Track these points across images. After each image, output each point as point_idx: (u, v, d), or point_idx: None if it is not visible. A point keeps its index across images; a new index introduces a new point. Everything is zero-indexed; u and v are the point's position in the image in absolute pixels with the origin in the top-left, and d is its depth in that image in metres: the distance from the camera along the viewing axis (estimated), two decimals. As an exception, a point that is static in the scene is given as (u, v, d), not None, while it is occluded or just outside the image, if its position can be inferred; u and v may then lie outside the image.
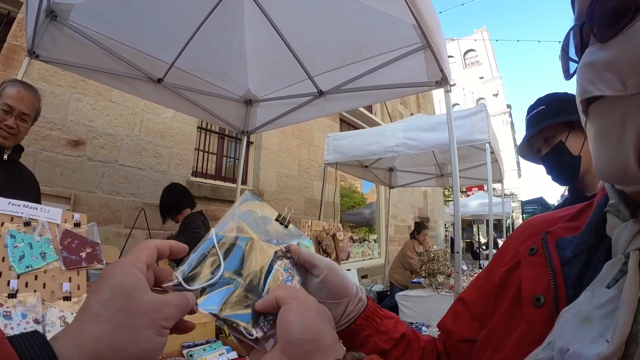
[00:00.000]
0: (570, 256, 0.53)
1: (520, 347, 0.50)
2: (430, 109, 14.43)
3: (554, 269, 0.53)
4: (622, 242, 0.45)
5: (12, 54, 3.78)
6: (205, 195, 5.46)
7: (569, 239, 0.56)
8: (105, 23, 2.99)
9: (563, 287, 0.51)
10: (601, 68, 0.42)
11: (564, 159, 1.41)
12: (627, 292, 0.39)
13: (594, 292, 0.43)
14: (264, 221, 0.70)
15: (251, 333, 0.55)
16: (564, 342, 0.41)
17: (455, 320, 0.74)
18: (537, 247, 0.58)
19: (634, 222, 0.44)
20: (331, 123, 8.55)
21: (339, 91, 3.61)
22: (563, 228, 0.59)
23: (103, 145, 4.42)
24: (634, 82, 0.38)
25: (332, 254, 3.08)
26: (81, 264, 1.44)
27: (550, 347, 0.43)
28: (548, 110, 1.45)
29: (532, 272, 0.56)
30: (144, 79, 3.50)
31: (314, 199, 7.62)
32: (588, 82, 0.44)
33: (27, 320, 1.18)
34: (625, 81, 0.39)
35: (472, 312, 0.70)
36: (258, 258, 0.63)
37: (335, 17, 2.96)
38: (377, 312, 0.75)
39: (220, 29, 3.27)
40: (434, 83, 2.90)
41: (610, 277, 0.43)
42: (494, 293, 0.65)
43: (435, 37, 2.53)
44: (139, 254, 0.50)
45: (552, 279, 0.52)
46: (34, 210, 1.43)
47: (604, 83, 0.41)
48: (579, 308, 0.43)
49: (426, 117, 5.54)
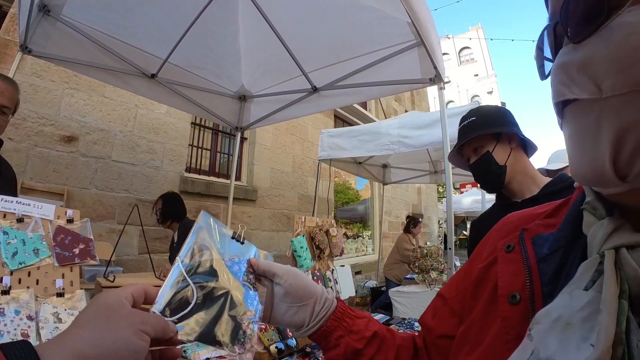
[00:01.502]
0: (547, 253, 0.53)
1: (498, 344, 0.50)
2: (425, 106, 14.45)
3: (530, 266, 0.53)
4: (598, 241, 0.44)
5: (4, 48, 3.75)
6: (199, 192, 5.46)
7: (546, 236, 0.56)
8: (98, 18, 2.97)
9: (539, 285, 0.51)
10: (575, 70, 0.41)
11: (490, 168, 1.50)
12: (607, 293, 0.38)
13: (572, 295, 0.42)
14: (222, 240, 0.75)
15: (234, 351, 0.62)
16: (548, 351, 0.40)
17: (435, 316, 0.75)
18: (514, 244, 0.58)
19: (609, 220, 0.44)
20: (325, 119, 8.55)
21: (333, 87, 3.61)
22: (540, 225, 0.59)
23: (96, 141, 4.40)
24: (609, 85, 0.38)
25: (326, 250, 3.09)
26: (74, 260, 1.44)
27: (534, 357, 0.41)
28: (478, 122, 1.54)
29: (508, 269, 0.56)
30: (137, 75, 3.48)
31: (308, 195, 7.62)
32: (562, 84, 0.43)
33: (20, 317, 1.18)
34: (600, 84, 0.38)
35: (451, 308, 0.71)
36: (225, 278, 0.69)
37: (330, 14, 2.96)
38: (348, 312, 0.78)
39: (214, 25, 3.26)
40: (427, 80, 2.91)
41: (587, 278, 0.42)
42: (472, 289, 0.65)
43: (428, 35, 2.53)
44: (126, 288, 0.54)
45: (528, 276, 0.52)
46: (27, 207, 1.42)
47: (578, 86, 0.41)
48: (558, 313, 0.42)
49: (420, 114, 5.54)
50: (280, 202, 7.02)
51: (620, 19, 0.37)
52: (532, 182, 1.52)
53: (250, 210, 6.33)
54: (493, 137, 1.52)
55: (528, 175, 1.53)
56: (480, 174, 1.55)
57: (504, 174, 1.49)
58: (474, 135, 1.52)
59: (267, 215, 6.67)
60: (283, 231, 6.91)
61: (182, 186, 5.25)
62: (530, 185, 1.51)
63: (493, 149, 1.50)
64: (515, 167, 1.51)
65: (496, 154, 1.50)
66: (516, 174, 1.52)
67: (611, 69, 0.37)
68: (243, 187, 6.31)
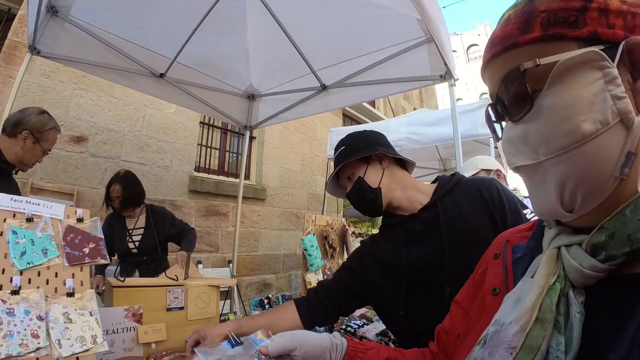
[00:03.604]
0: (519, 257, 0.69)
1: (483, 327, 0.61)
2: (433, 104, 14.37)
3: (507, 267, 0.70)
4: (546, 243, 0.59)
5: (14, 50, 3.77)
6: (208, 191, 5.47)
7: (521, 245, 0.71)
8: (106, 18, 2.98)
9: (512, 280, 0.66)
10: (518, 143, 0.56)
11: (364, 193, 1.45)
12: (537, 276, 0.54)
13: (524, 281, 0.58)
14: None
15: None
16: (504, 319, 0.55)
17: (451, 320, 0.85)
18: (499, 252, 0.75)
19: (555, 228, 0.59)
20: (334, 118, 8.53)
21: (342, 85, 3.58)
22: (519, 237, 0.74)
23: (105, 141, 4.42)
24: (544, 151, 0.52)
25: (337, 248, 3.08)
26: (84, 259, 1.44)
27: (497, 323, 0.56)
28: (347, 150, 1.50)
29: (493, 271, 0.73)
30: (146, 74, 3.48)
31: (317, 193, 7.61)
32: (511, 155, 0.58)
33: (30, 317, 1.17)
34: (537, 150, 0.53)
35: (464, 309, 0.81)
36: None
37: (338, 11, 2.94)
38: (359, 347, 0.88)
39: (222, 23, 3.24)
40: (438, 77, 2.88)
41: (534, 269, 0.58)
42: (474, 291, 0.79)
43: (438, 31, 2.50)
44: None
45: (505, 274, 0.69)
46: (37, 206, 1.42)
47: (522, 155, 0.56)
48: (514, 293, 0.57)
49: (429, 112, 5.51)
50: (290, 201, 7.02)
51: (540, 102, 0.52)
52: (417, 193, 1.48)
53: (260, 209, 6.33)
54: (363, 162, 1.48)
55: (410, 189, 1.49)
56: (357, 201, 1.50)
57: (379, 196, 1.45)
58: (343, 164, 1.49)
59: (276, 214, 6.67)
60: (292, 230, 6.90)
61: (192, 185, 5.26)
62: (418, 197, 1.46)
63: (364, 173, 1.46)
64: (391, 186, 1.47)
65: (368, 178, 1.45)
66: (395, 191, 1.48)
67: (543, 140, 0.52)
68: (252, 186, 6.32)
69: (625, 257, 0.47)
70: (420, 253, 1.35)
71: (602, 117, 0.47)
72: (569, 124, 0.48)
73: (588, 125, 0.47)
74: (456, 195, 1.39)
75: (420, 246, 1.36)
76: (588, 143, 0.48)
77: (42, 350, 1.14)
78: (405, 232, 1.42)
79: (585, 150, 0.48)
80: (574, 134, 0.48)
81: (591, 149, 0.48)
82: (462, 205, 1.35)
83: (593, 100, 0.48)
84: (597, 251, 0.49)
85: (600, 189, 0.49)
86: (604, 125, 0.47)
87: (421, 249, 1.35)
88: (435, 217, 1.36)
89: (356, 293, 1.49)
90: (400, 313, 1.34)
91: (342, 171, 1.53)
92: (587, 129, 0.47)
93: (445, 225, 1.32)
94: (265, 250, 6.34)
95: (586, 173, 0.49)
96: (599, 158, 0.48)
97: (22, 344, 1.11)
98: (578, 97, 0.48)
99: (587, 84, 0.48)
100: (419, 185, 1.52)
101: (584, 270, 0.49)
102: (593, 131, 0.47)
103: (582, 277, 0.50)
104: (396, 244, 1.42)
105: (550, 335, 0.48)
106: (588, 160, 0.48)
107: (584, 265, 0.50)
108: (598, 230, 0.50)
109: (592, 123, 0.47)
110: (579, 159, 0.49)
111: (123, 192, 3.14)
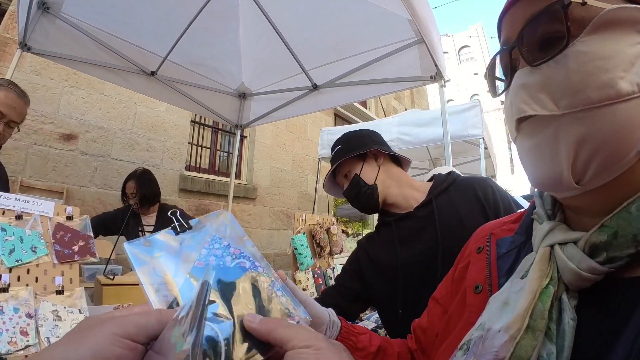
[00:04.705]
0: (504, 252, 0.64)
1: (465, 328, 0.57)
2: (425, 104, 14.43)
3: (491, 262, 0.64)
4: (537, 240, 0.54)
5: (4, 46, 3.74)
6: (198, 190, 5.45)
7: (507, 239, 0.66)
8: (98, 15, 2.96)
9: (496, 277, 0.61)
10: (535, 90, 0.48)
11: (361, 190, 1.49)
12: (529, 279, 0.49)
13: (512, 282, 0.53)
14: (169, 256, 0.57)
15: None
16: (490, 323, 0.50)
17: (429, 317, 0.81)
18: (483, 246, 0.69)
19: (547, 223, 0.54)
20: (325, 117, 8.54)
21: (333, 85, 3.60)
22: (504, 229, 0.70)
23: (96, 138, 4.40)
24: (565, 104, 0.45)
25: (326, 248, 3.08)
26: (74, 257, 1.44)
27: (481, 327, 0.51)
28: (343, 149, 1.54)
29: (476, 266, 0.68)
30: (137, 72, 3.47)
31: (308, 193, 7.62)
32: (523, 102, 0.50)
33: (19, 315, 1.17)
34: (557, 102, 0.46)
35: (443, 307, 0.77)
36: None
37: (330, 11, 2.95)
38: (352, 330, 0.84)
39: (214, 22, 3.24)
40: (428, 78, 2.90)
41: (524, 269, 0.53)
42: (454, 287, 0.75)
43: (429, 32, 2.52)
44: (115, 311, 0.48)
45: (489, 271, 0.63)
46: (26, 204, 1.41)
47: (538, 104, 0.48)
48: (501, 295, 0.53)
49: (420, 112, 5.54)
50: (280, 201, 7.02)
51: (575, 47, 0.45)
52: (413, 191, 1.51)
53: (250, 208, 6.33)
54: (359, 159, 1.52)
55: (405, 186, 1.52)
56: (354, 198, 1.53)
57: (375, 193, 1.48)
58: (339, 162, 1.52)
59: (267, 213, 6.66)
60: (283, 229, 6.90)
61: (182, 184, 5.24)
62: (414, 194, 1.49)
63: (360, 170, 1.50)
64: (387, 183, 1.50)
65: (364, 175, 1.49)
66: (390, 188, 1.51)
67: (567, 91, 0.45)
68: (243, 185, 6.31)
69: (628, 259, 0.44)
70: (415, 251, 1.37)
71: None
72: (605, 77, 0.43)
73: (625, 84, 0.43)
74: (452, 194, 1.41)
75: (415, 244, 1.38)
76: (619, 104, 0.43)
77: (31, 348, 1.14)
78: (400, 230, 1.44)
79: (615, 111, 0.43)
80: (608, 88, 0.43)
81: (621, 111, 0.43)
82: (457, 203, 1.37)
83: (633, 61, 0.44)
84: (596, 252, 0.46)
85: (618, 161, 0.44)
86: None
87: (416, 246, 1.37)
88: (431, 215, 1.38)
89: (358, 295, 1.51)
90: (399, 312, 1.35)
91: (339, 169, 1.56)
92: (623, 87, 0.43)
93: (440, 223, 1.34)
94: (255, 250, 6.33)
95: (609, 138, 0.44)
96: (626, 125, 0.43)
97: (11, 342, 1.11)
98: (620, 51, 0.44)
99: (629, 43, 0.44)
100: (415, 183, 1.55)
101: (581, 273, 0.46)
102: (629, 92, 0.43)
103: (578, 280, 0.47)
104: (391, 242, 1.44)
105: (542, 344, 0.45)
106: (615, 123, 0.43)
107: (581, 267, 0.46)
108: (599, 228, 0.46)
109: (629, 83, 0.43)
110: (605, 120, 0.44)
111: (138, 189, 3.16)
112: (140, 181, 3.20)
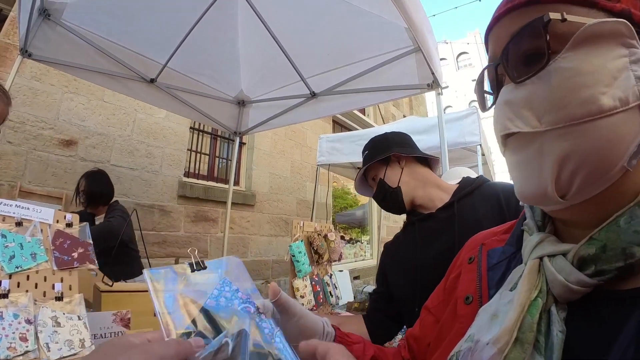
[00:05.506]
0: (495, 263, 0.64)
1: (456, 339, 0.57)
2: (423, 111, 14.46)
3: (481, 273, 0.64)
4: (526, 252, 0.54)
5: (4, 52, 3.75)
6: (197, 196, 5.45)
7: (498, 249, 0.66)
8: (98, 22, 2.99)
9: (487, 288, 0.61)
10: (519, 106, 0.49)
11: (386, 193, 1.55)
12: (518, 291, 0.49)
13: (501, 294, 0.53)
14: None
15: None
16: (479, 335, 0.50)
17: (422, 327, 0.82)
18: (474, 256, 0.70)
19: (536, 235, 0.54)
20: (324, 124, 8.56)
21: (331, 93, 3.62)
22: (495, 240, 0.70)
23: (95, 145, 4.40)
24: (548, 120, 0.46)
25: (324, 255, 3.09)
26: (73, 264, 1.45)
27: (470, 339, 0.51)
28: (369, 154, 1.62)
29: (467, 277, 0.68)
30: (136, 79, 3.49)
31: (307, 200, 7.62)
32: (507, 119, 0.50)
33: (19, 321, 1.18)
34: (540, 119, 0.47)
35: (435, 316, 0.77)
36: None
37: (328, 20, 2.98)
38: (345, 339, 0.81)
39: (213, 30, 3.27)
40: (425, 86, 2.92)
41: (513, 281, 0.53)
42: (446, 297, 0.75)
43: (425, 40, 2.54)
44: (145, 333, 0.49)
45: (479, 282, 0.63)
46: (26, 211, 1.43)
47: (522, 120, 0.48)
48: (490, 307, 0.53)
49: (418, 120, 5.56)
50: (279, 207, 7.02)
51: (557, 64, 0.46)
52: (439, 191, 1.53)
53: (249, 215, 6.33)
54: (382, 163, 1.57)
55: (431, 186, 1.55)
56: (380, 201, 1.60)
57: (400, 195, 1.53)
58: (365, 167, 1.61)
59: (265, 220, 6.66)
60: (281, 236, 6.90)
61: (181, 191, 5.24)
62: (440, 194, 1.52)
63: (384, 174, 1.55)
64: (411, 184, 1.54)
65: (388, 178, 1.54)
66: (416, 189, 1.54)
67: (550, 107, 0.46)
68: (242, 192, 6.31)
69: (617, 272, 0.44)
70: (434, 252, 1.39)
71: (623, 95, 0.43)
72: (587, 93, 0.43)
73: (607, 99, 0.43)
74: (475, 198, 1.43)
75: (434, 245, 1.41)
76: (602, 120, 0.43)
77: (30, 353, 1.15)
78: (422, 230, 1.48)
79: (598, 127, 0.43)
80: (590, 104, 0.43)
81: (604, 127, 0.43)
82: (479, 208, 1.38)
83: (616, 76, 0.43)
84: (585, 264, 0.46)
85: (603, 176, 0.44)
86: (622, 104, 0.43)
87: (435, 247, 1.40)
88: (451, 218, 1.40)
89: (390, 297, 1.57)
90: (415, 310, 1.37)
91: (368, 173, 1.63)
92: (605, 103, 0.43)
93: (459, 226, 1.35)
94: (254, 256, 6.33)
95: (593, 154, 0.44)
96: (610, 140, 0.43)
97: (10, 348, 1.12)
98: (601, 66, 0.44)
99: (611, 57, 0.44)
100: (442, 183, 1.58)
101: (570, 285, 0.46)
102: (611, 107, 0.43)
103: (567, 292, 0.46)
104: (413, 241, 1.48)
105: (530, 356, 0.44)
106: (598, 138, 0.43)
107: (570, 279, 0.46)
108: (588, 241, 0.46)
109: (612, 98, 0.43)
110: (588, 136, 0.44)
111: (86, 186, 3.18)
112: (90, 179, 3.24)
